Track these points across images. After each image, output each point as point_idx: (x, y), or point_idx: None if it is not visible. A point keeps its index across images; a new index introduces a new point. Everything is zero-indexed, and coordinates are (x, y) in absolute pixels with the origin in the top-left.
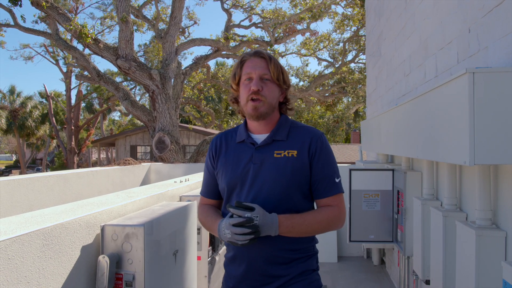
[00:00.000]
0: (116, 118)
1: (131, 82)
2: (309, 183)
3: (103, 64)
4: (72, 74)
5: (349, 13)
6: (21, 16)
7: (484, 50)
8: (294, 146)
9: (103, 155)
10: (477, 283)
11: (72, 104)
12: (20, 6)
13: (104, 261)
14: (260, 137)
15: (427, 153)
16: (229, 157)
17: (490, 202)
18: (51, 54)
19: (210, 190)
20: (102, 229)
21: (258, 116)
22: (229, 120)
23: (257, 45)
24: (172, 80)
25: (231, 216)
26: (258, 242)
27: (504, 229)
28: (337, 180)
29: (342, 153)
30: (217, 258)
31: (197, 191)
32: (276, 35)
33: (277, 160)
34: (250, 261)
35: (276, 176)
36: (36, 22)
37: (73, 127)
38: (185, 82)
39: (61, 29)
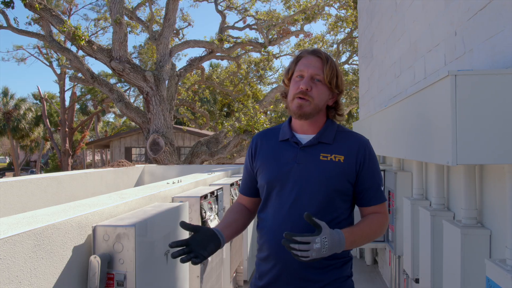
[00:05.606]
0: (111, 120)
1: (125, 83)
2: (352, 189)
3: (97, 66)
4: (66, 76)
5: (342, 15)
6: (14, 19)
7: (469, 53)
8: (341, 151)
9: (97, 157)
10: (463, 280)
11: (66, 106)
12: (13, 8)
13: (95, 261)
14: (304, 137)
15: (414, 153)
16: (270, 155)
17: (476, 201)
18: (45, 55)
19: (245, 187)
20: (94, 229)
21: (301, 115)
22: (224, 122)
23: (251, 47)
24: (166, 81)
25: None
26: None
27: (489, 228)
28: (382, 188)
29: None
30: (209, 258)
31: (190, 192)
32: (270, 36)
33: (323, 163)
34: (285, 263)
35: (322, 179)
36: (30, 23)
37: (67, 129)
38: (179, 83)
39: (54, 30)
